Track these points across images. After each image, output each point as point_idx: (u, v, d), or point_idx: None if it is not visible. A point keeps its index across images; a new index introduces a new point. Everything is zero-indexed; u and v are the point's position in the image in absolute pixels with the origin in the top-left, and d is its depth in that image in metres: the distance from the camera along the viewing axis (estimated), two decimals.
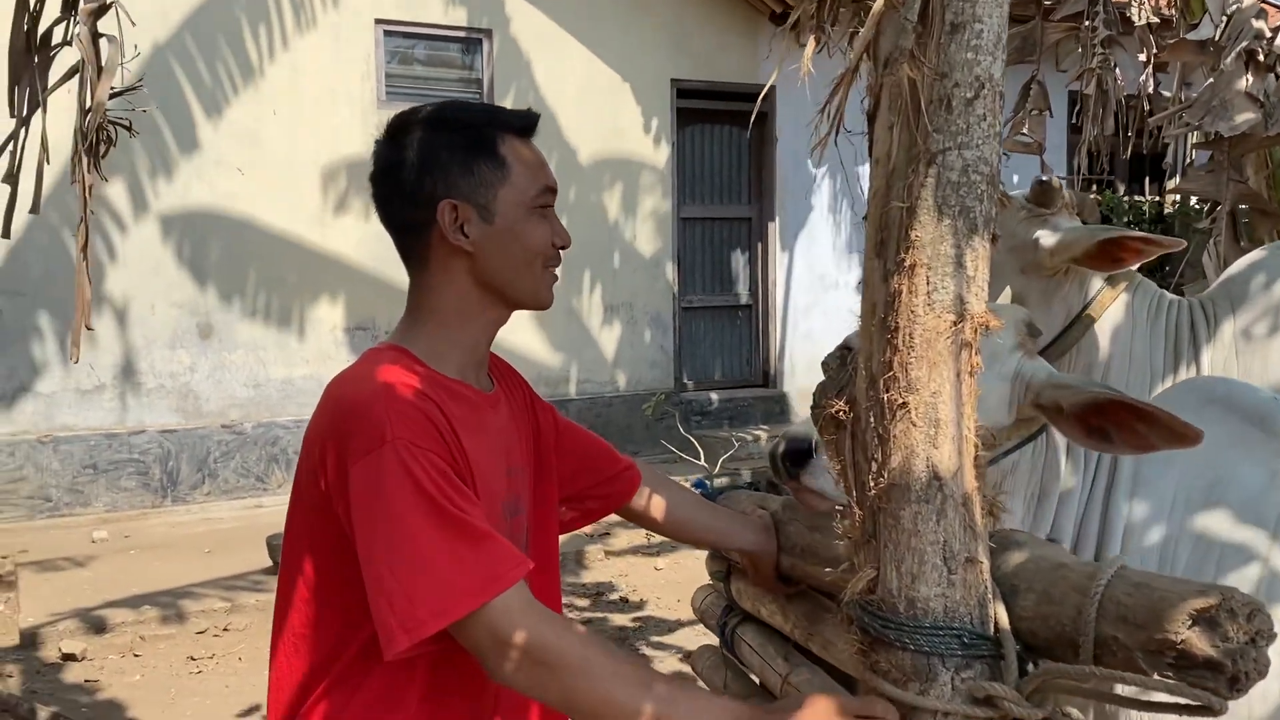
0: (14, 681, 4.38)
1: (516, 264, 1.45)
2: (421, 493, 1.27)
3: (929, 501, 1.25)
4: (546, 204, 1.48)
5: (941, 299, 1.24)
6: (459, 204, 1.42)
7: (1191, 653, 1.07)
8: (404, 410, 1.31)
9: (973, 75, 1.23)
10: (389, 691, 1.37)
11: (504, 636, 1.24)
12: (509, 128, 1.48)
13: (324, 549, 1.37)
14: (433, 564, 1.25)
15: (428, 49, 7.79)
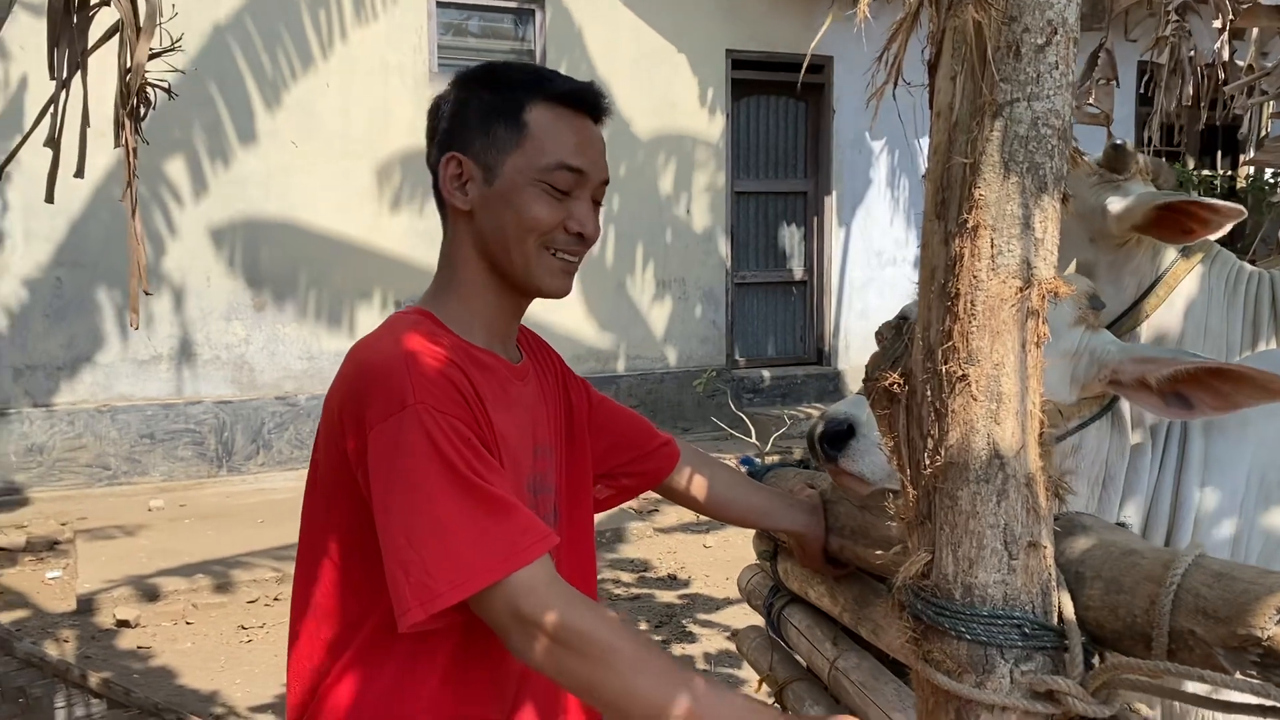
0: (69, 647, 4.45)
1: (507, 235, 1.37)
2: (443, 459, 1.21)
3: (989, 481, 1.16)
4: (558, 182, 1.37)
5: (1007, 263, 1.15)
6: (464, 160, 1.37)
7: (1278, 649, 0.98)
8: (427, 374, 1.25)
9: (1044, 19, 1.13)
10: (411, 667, 1.32)
11: (525, 613, 1.18)
12: (549, 96, 1.40)
13: (343, 520, 1.32)
14: (452, 534, 1.19)
15: (479, 20, 7.74)
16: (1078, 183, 2.31)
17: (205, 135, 6.89)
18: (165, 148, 6.77)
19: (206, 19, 6.80)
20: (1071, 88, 1.17)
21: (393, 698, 1.32)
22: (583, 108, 1.42)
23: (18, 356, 6.54)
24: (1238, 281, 2.17)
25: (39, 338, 6.57)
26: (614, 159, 8.26)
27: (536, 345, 1.59)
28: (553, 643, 1.18)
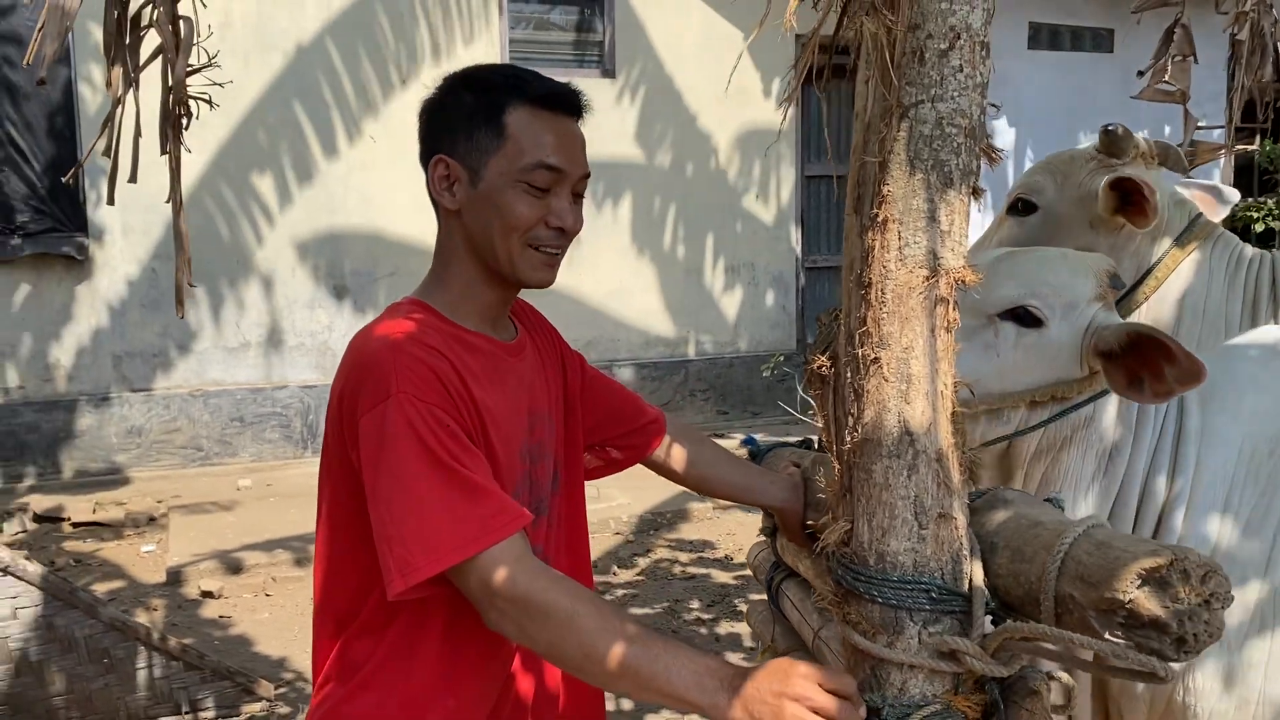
0: (158, 615, 4.76)
1: (492, 233, 1.46)
2: (423, 445, 1.32)
3: (900, 456, 1.25)
4: (538, 181, 1.46)
5: (914, 254, 1.24)
6: (450, 163, 1.47)
7: (1139, 612, 1.06)
8: (411, 365, 1.36)
9: (947, 25, 1.21)
10: (409, 635, 1.44)
11: (493, 586, 1.29)
12: (528, 98, 1.48)
13: (347, 499, 1.44)
14: (428, 513, 1.31)
15: (549, 13, 7.89)
16: (1077, 168, 2.35)
17: (290, 132, 7.19)
18: (252, 149, 7.09)
19: (291, 28, 7.09)
20: (980, 89, 1.25)
21: (392, 659, 1.45)
22: (560, 108, 1.51)
23: (117, 344, 6.94)
24: (1239, 264, 2.19)
25: (136, 327, 6.96)
26: (682, 147, 8.34)
27: (534, 319, 1.70)
28: (517, 610, 1.29)
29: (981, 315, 1.74)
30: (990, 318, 1.74)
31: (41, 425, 6.76)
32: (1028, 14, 8.94)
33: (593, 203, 7.88)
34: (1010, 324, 1.74)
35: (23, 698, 3.35)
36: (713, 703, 1.22)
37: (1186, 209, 2.19)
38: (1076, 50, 9.24)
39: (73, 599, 3.40)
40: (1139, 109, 8.58)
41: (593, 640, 1.27)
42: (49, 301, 6.79)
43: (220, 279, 7.14)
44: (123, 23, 2.14)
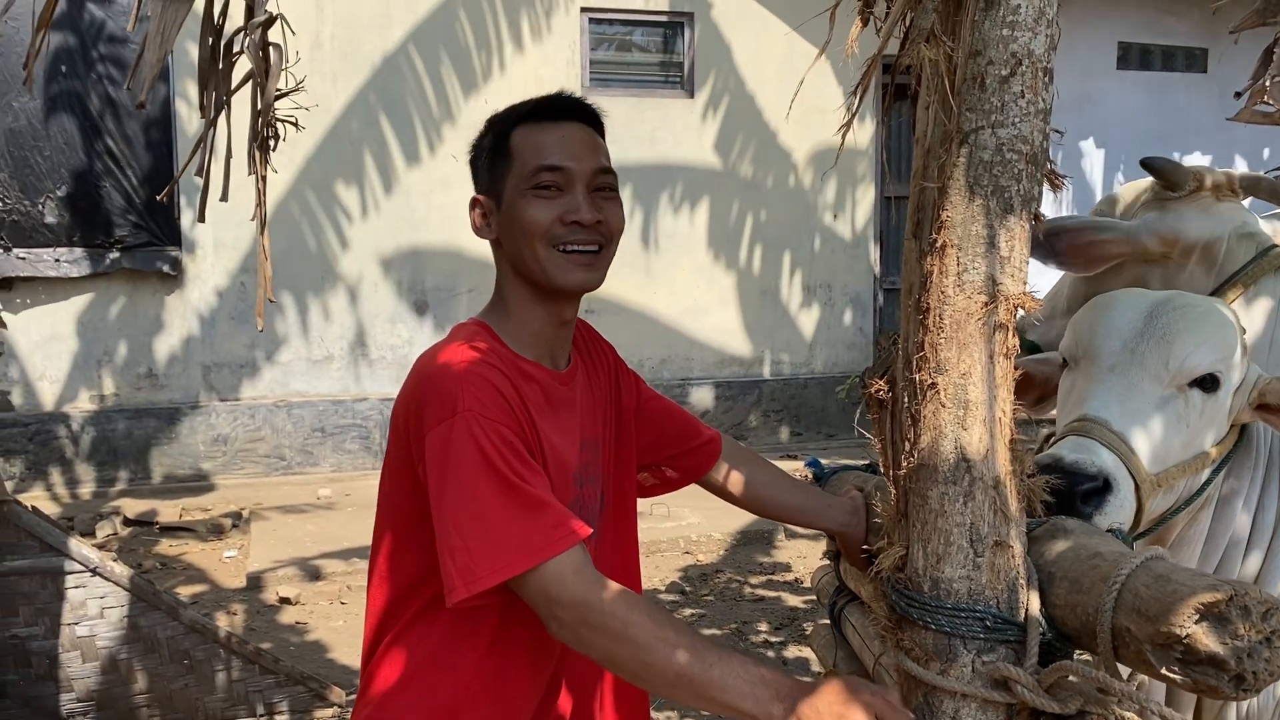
0: (238, 619, 4.89)
1: (519, 245, 1.52)
2: (487, 460, 1.36)
3: (956, 483, 1.25)
4: (543, 182, 1.50)
5: (972, 280, 1.23)
6: (482, 199, 1.57)
7: (1196, 648, 1.04)
8: (476, 383, 1.41)
9: (1008, 52, 1.21)
10: (454, 640, 1.48)
11: (553, 596, 1.33)
12: (526, 117, 1.55)
13: (406, 510, 1.49)
14: (493, 525, 1.35)
15: (630, 35, 7.97)
16: (1132, 201, 2.33)
17: (374, 151, 7.38)
18: (338, 166, 7.29)
19: (377, 49, 7.30)
20: (1043, 115, 1.24)
21: (433, 663, 1.49)
22: (555, 115, 1.55)
23: (206, 355, 7.17)
24: None
25: (225, 338, 7.19)
26: (762, 167, 8.34)
27: (591, 342, 1.73)
28: (576, 621, 1.33)
29: (1172, 385, 1.62)
30: (1181, 387, 1.62)
31: (133, 432, 7.01)
32: (1117, 34, 8.77)
33: (671, 218, 7.92)
34: (1196, 390, 1.63)
35: (107, 695, 3.48)
36: (766, 712, 1.24)
37: (1255, 242, 2.13)
38: (1168, 70, 9.02)
39: (156, 601, 3.52)
40: (1235, 131, 8.35)
41: (648, 649, 1.29)
42: (143, 313, 7.05)
43: (305, 292, 7.34)
44: (216, 49, 2.24)
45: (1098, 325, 1.68)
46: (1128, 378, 1.61)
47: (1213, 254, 2.15)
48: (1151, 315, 1.67)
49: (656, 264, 7.82)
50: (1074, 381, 1.69)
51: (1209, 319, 1.68)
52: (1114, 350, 1.64)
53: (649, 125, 7.75)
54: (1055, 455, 1.50)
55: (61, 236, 6.82)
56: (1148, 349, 1.62)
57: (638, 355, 7.83)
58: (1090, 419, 1.56)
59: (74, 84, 6.77)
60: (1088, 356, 1.67)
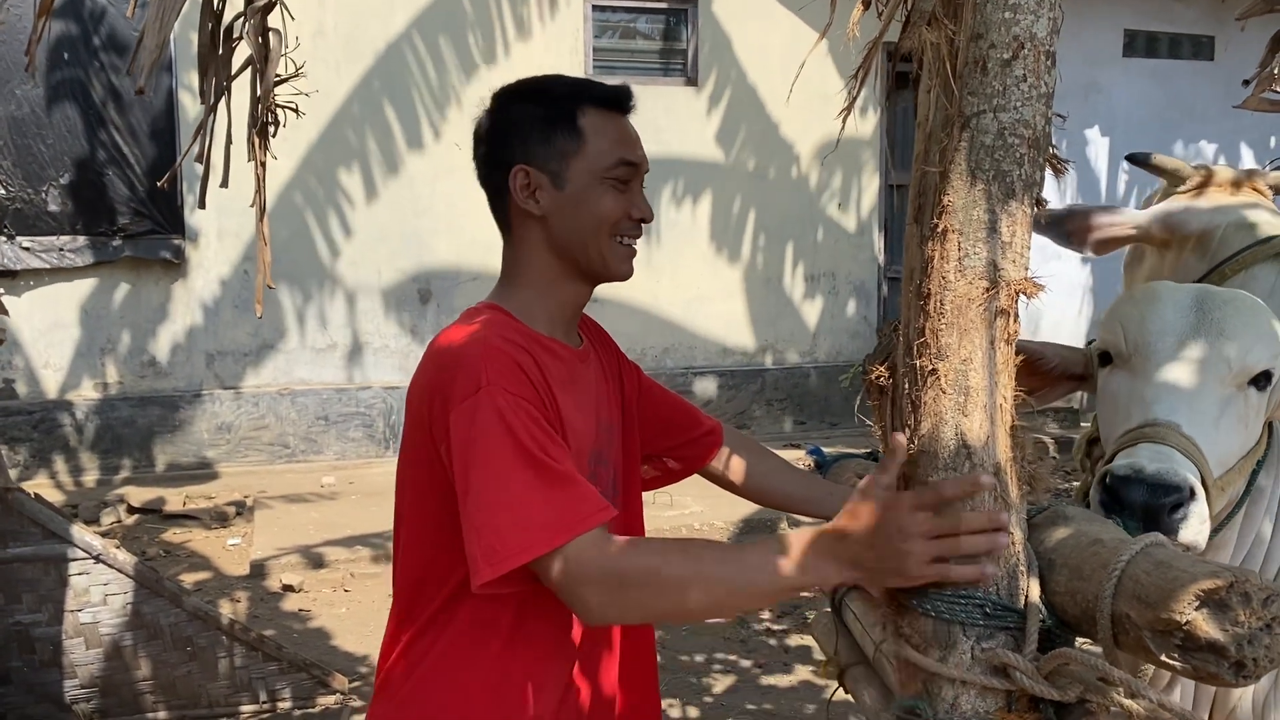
0: (241, 606, 4.90)
1: (584, 231, 1.50)
2: (513, 437, 1.34)
3: (956, 469, 1.24)
4: (621, 176, 1.51)
5: (973, 265, 1.22)
6: (531, 170, 1.50)
7: (1196, 635, 1.03)
8: (498, 359, 1.39)
9: (1010, 35, 1.20)
10: (474, 632, 1.46)
11: (578, 577, 1.30)
12: (594, 100, 1.53)
13: (428, 498, 1.46)
14: (520, 504, 1.32)
15: (634, 22, 7.95)
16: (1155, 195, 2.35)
17: (377, 140, 7.37)
18: (342, 150, 7.28)
19: (380, 37, 7.28)
20: (1045, 99, 1.23)
21: (450, 657, 1.47)
22: (622, 108, 1.55)
23: (210, 343, 7.18)
24: None
25: (228, 326, 7.19)
26: (765, 156, 8.33)
27: (595, 330, 1.73)
28: (606, 597, 1.31)
29: (1233, 384, 1.55)
30: (1241, 385, 1.56)
31: (137, 420, 7.02)
32: (1123, 21, 8.72)
33: (674, 209, 7.90)
34: (1252, 388, 1.57)
35: (110, 681, 3.49)
36: (823, 575, 1.26)
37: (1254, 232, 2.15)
38: (1174, 58, 8.97)
39: (159, 588, 3.53)
40: (1242, 119, 8.31)
41: (681, 589, 1.28)
42: (146, 301, 7.05)
43: (309, 280, 7.34)
44: (216, 35, 2.23)
45: (1148, 320, 1.60)
46: (1190, 375, 1.53)
47: (1208, 242, 2.16)
48: (1200, 309, 1.60)
49: (660, 254, 7.80)
50: (1126, 380, 1.60)
51: (1258, 314, 1.62)
52: (1169, 347, 1.56)
53: (652, 114, 7.72)
54: (1135, 465, 1.41)
55: (65, 225, 6.82)
56: (1208, 344, 1.55)
57: (641, 345, 7.83)
58: (1162, 423, 1.47)
59: (76, 72, 6.77)
60: (1140, 354, 1.59)
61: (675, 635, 4.59)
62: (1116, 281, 2.83)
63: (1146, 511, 1.37)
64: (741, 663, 4.35)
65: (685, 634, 4.62)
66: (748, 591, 1.29)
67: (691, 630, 4.65)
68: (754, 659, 4.38)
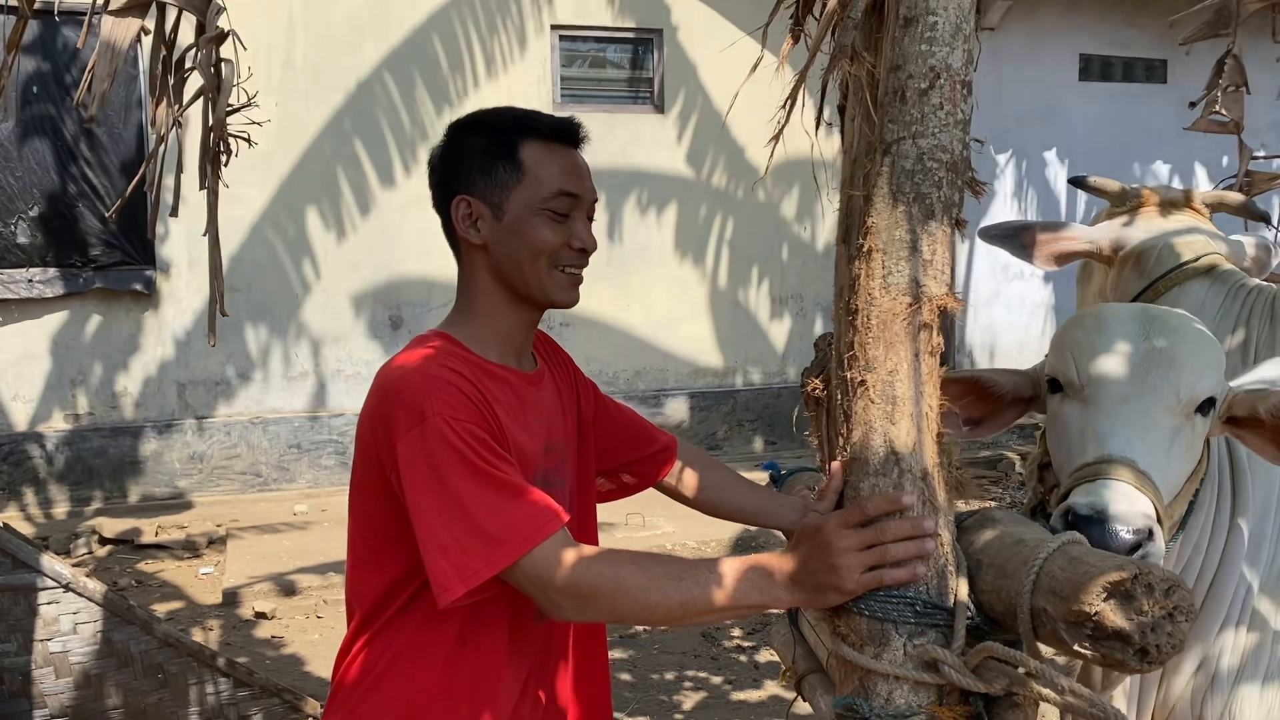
0: (213, 635, 4.91)
1: (522, 261, 1.56)
2: (463, 459, 1.41)
3: (886, 475, 1.31)
4: (558, 208, 1.56)
5: (897, 282, 1.30)
6: (472, 201, 1.56)
7: (1105, 624, 1.10)
8: (441, 388, 1.45)
9: (927, 66, 1.28)
10: (421, 640, 1.52)
11: (546, 580, 1.38)
12: (538, 133, 1.59)
13: (377, 521, 1.53)
14: (481, 519, 1.39)
15: (600, 51, 8.06)
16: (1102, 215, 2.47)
17: (349, 168, 7.42)
18: (313, 179, 7.32)
19: (350, 68, 7.36)
20: (962, 125, 1.31)
21: (402, 664, 1.53)
22: (567, 140, 1.61)
23: (181, 373, 7.18)
24: (1234, 297, 2.21)
25: (200, 356, 7.19)
26: (732, 181, 8.41)
27: (551, 349, 1.79)
28: (572, 596, 1.38)
29: (1182, 414, 1.56)
30: (1189, 414, 1.57)
31: (108, 451, 7.00)
32: (1078, 46, 8.92)
33: (643, 232, 7.99)
34: (1198, 415, 1.59)
35: (81, 710, 3.49)
36: (774, 598, 1.35)
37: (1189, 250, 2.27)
38: (1129, 81, 9.18)
39: (130, 615, 3.54)
40: (1195, 140, 8.48)
41: (645, 598, 1.37)
42: (117, 331, 7.05)
43: (280, 309, 7.36)
44: (168, 64, 2.28)
45: (1098, 350, 1.60)
46: (1142, 408, 1.53)
47: (1144, 260, 2.25)
48: (1148, 338, 1.60)
49: (630, 277, 7.88)
50: (1078, 410, 1.60)
51: (1203, 341, 1.64)
52: (1120, 379, 1.56)
53: (620, 140, 7.83)
54: (1095, 505, 1.41)
55: (35, 257, 6.82)
56: (1158, 376, 1.56)
57: (612, 368, 7.89)
58: (1118, 458, 1.48)
59: (47, 106, 6.79)
60: (1092, 385, 1.59)
61: (646, 653, 4.63)
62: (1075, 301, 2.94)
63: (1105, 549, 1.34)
64: (712, 679, 4.39)
65: (656, 651, 4.66)
66: (705, 608, 1.36)
67: (661, 647, 4.70)
68: (724, 675, 4.43)
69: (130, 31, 1.91)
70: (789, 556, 1.34)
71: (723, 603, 1.35)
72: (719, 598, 1.34)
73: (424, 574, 1.41)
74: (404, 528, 1.45)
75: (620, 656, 4.52)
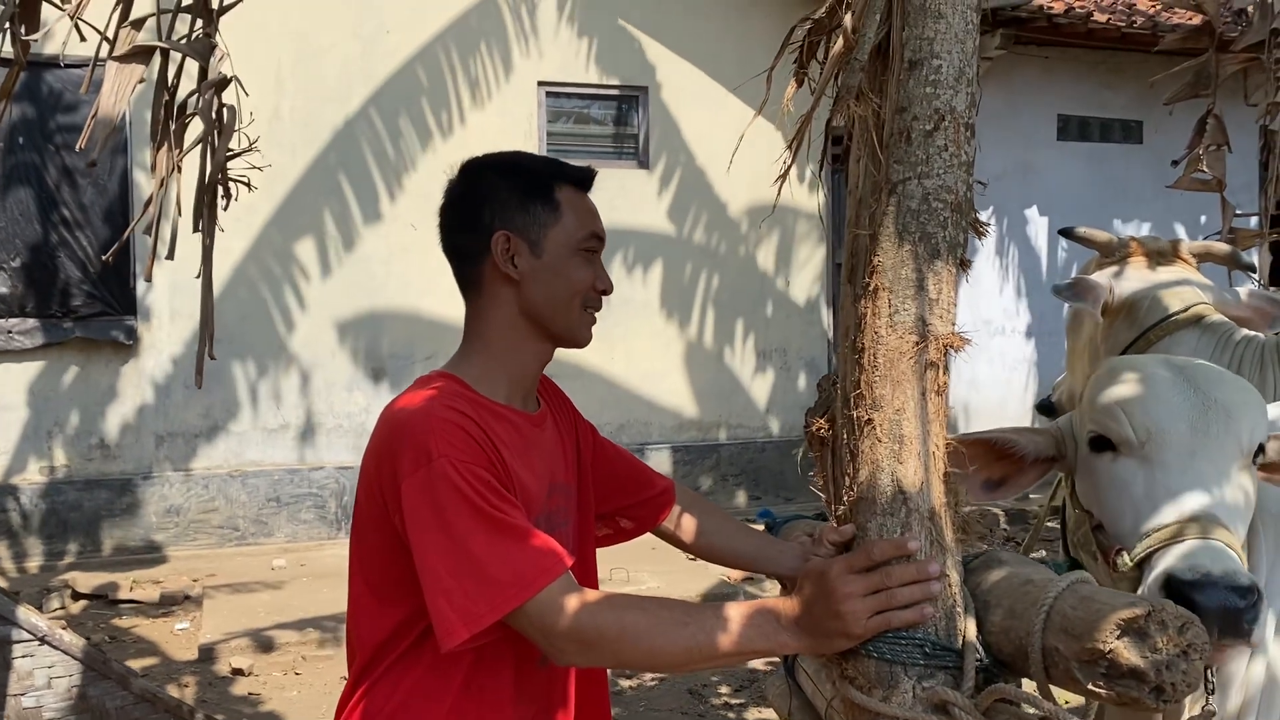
0: (189, 691, 4.79)
1: (558, 298, 1.58)
2: (468, 502, 1.40)
3: (894, 514, 1.31)
4: (592, 249, 1.61)
5: (903, 320, 1.30)
6: (512, 236, 1.58)
7: (1119, 662, 1.09)
8: (447, 429, 1.44)
9: (931, 108, 1.30)
10: (426, 686, 1.49)
11: (550, 626, 1.37)
12: (567, 178, 1.63)
13: (382, 563, 1.51)
14: (486, 563, 1.38)
15: (587, 108, 8.15)
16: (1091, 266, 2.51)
17: (333, 219, 7.44)
18: (296, 230, 7.33)
19: (337, 122, 7.41)
20: (965, 166, 1.33)
21: (407, 708, 1.49)
22: (589, 187, 1.66)
23: (160, 424, 7.10)
24: (1224, 347, 2.25)
25: (179, 407, 7.13)
26: (715, 235, 8.47)
27: (552, 392, 1.78)
28: (576, 641, 1.37)
29: (1244, 463, 1.53)
30: (1248, 463, 1.54)
31: (83, 503, 6.90)
32: (1056, 106, 9.10)
33: (628, 286, 8.02)
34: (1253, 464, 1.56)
35: None
36: (780, 644, 1.34)
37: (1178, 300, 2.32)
38: (1106, 141, 9.37)
39: (106, 670, 3.46)
40: (1172, 199, 8.64)
41: (650, 643, 1.36)
42: (96, 382, 6.98)
43: (262, 359, 7.32)
44: (170, 108, 2.28)
45: (1153, 406, 1.53)
46: (1211, 461, 1.49)
47: (1135, 310, 2.28)
48: (1197, 389, 1.55)
49: (615, 330, 7.89)
50: (1139, 469, 1.52)
51: (1248, 386, 1.61)
52: (1183, 433, 1.51)
53: (606, 195, 7.82)
54: (1198, 567, 1.32)
55: (14, 307, 6.77)
56: (1220, 428, 1.51)
57: (597, 420, 7.74)
58: (1203, 517, 1.41)
59: (30, 155, 6.79)
60: (1155, 442, 1.51)
61: (632, 710, 4.55)
62: (1059, 356, 2.96)
63: (1224, 615, 1.27)
64: None
65: (643, 709, 4.58)
66: (710, 653, 1.35)
67: (648, 704, 4.62)
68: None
69: (134, 78, 1.92)
70: (794, 601, 1.33)
71: (728, 648, 1.33)
72: (724, 643, 1.33)
73: (427, 618, 1.39)
74: (407, 571, 1.43)
75: None
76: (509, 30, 7.83)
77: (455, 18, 7.68)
